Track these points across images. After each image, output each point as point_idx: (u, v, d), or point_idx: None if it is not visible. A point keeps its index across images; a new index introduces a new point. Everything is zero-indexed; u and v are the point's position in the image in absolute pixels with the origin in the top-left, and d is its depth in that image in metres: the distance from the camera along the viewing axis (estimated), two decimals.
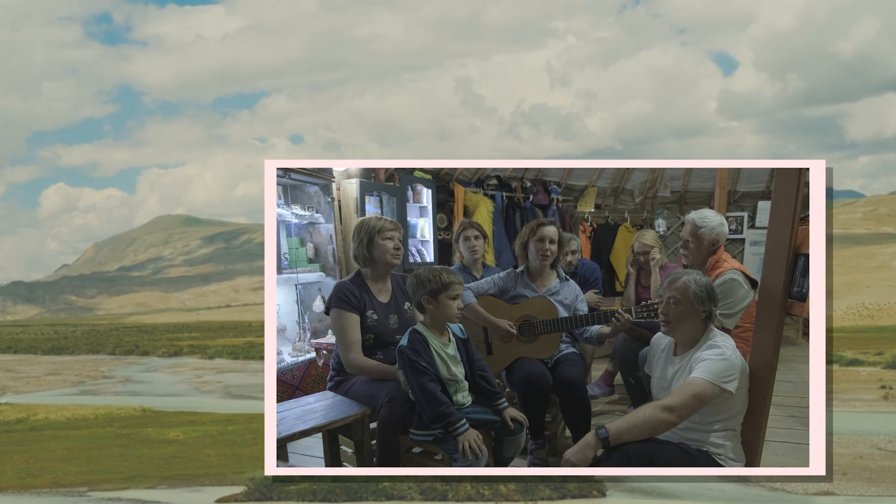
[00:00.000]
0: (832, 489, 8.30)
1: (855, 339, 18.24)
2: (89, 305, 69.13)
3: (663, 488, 8.42)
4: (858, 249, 34.59)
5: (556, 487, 8.32)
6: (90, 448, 11.66)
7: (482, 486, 8.29)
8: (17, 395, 17.11)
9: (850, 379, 14.28)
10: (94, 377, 20.41)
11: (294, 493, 8.49)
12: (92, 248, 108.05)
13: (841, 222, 45.82)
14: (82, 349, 25.85)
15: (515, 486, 8.32)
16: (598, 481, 8.53)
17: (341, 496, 8.32)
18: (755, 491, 8.31)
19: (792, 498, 8.12)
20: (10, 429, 12.91)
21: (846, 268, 29.53)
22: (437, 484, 8.31)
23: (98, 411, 14.27)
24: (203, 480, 9.25)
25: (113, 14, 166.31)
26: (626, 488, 8.45)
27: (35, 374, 20.92)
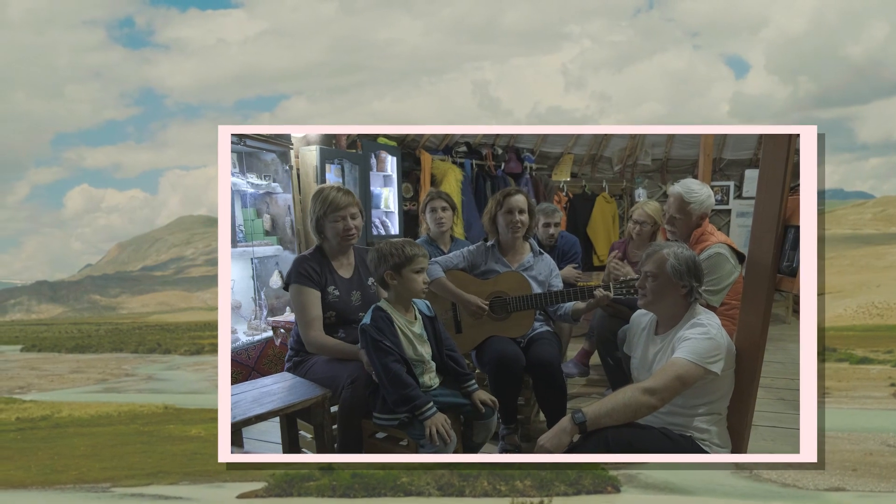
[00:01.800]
0: (843, 484, 8.48)
1: (865, 338, 18.65)
2: (112, 304, 69.54)
3: (676, 484, 8.59)
4: (868, 249, 35.39)
5: (571, 483, 8.47)
6: (113, 445, 11.89)
7: (498, 482, 8.46)
8: (41, 393, 17.50)
9: (861, 377, 14.62)
10: (118, 375, 20.75)
11: (314, 488, 8.64)
12: (115, 249, 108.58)
13: (851, 223, 46.90)
14: (106, 347, 26.16)
15: (531, 482, 8.46)
16: (611, 477, 8.68)
17: (360, 492, 8.48)
18: (767, 487, 8.50)
19: (803, 494, 8.31)
20: (34, 426, 13.21)
21: (856, 267, 30.29)
22: (454, 480, 8.44)
23: (121, 408, 14.54)
24: (224, 477, 9.39)
25: (136, 18, 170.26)
26: (639, 484, 8.62)
27: (59, 372, 21.23)
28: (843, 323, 21.90)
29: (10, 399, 16.11)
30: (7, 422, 13.53)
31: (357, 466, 8.77)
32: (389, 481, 8.51)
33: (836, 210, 52.30)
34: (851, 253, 33.79)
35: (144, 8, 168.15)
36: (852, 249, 34.95)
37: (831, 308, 23.27)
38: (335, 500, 8.48)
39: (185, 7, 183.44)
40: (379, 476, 8.52)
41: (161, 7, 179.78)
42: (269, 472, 8.96)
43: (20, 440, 12.24)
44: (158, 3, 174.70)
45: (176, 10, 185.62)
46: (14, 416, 13.95)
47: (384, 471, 8.51)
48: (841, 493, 8.34)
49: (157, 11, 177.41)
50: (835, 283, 27.26)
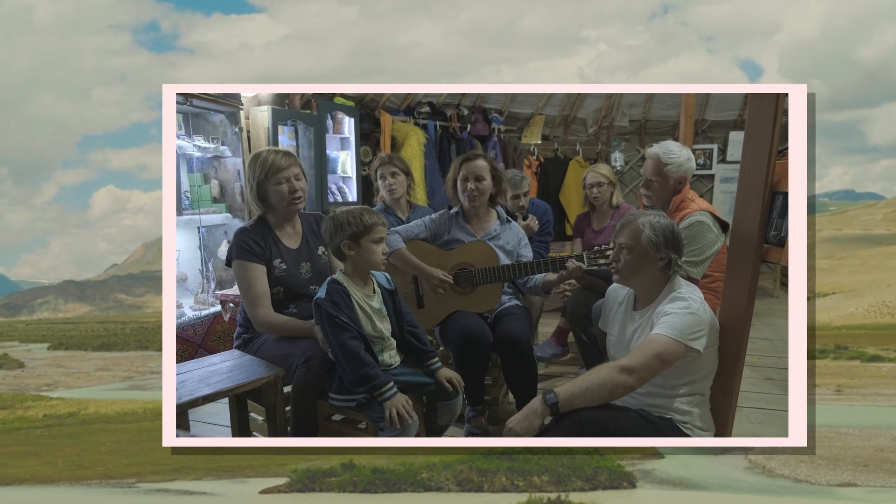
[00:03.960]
0: (854, 480, 8.75)
1: (876, 336, 19.21)
2: (138, 304, 71.01)
3: (691, 479, 8.80)
4: (879, 249, 36.46)
5: (587, 478, 8.66)
6: (139, 441, 12.11)
7: (516, 478, 8.66)
8: (68, 390, 17.98)
9: (872, 374, 15.11)
10: (143, 373, 21.14)
11: (335, 484, 8.81)
12: (141, 248, 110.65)
13: (862, 223, 48.19)
14: (131, 346, 26.56)
15: (548, 478, 8.64)
16: (627, 472, 8.88)
17: (380, 487, 8.68)
18: (780, 482, 8.75)
19: (815, 489, 8.59)
20: (61, 422, 13.62)
21: (867, 267, 31.29)
22: (472, 475, 8.63)
23: (147, 405, 14.81)
24: (247, 472, 9.60)
25: (161, 23, 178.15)
26: (654, 479, 8.85)
27: (86, 370, 21.67)
28: (855, 321, 22.72)
29: (37, 396, 16.54)
30: (35, 418, 13.93)
31: (310, 451, 8.88)
32: (409, 477, 8.73)
33: (848, 211, 53.59)
34: (863, 253, 35.06)
35: (169, 12, 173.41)
36: (863, 249, 36.27)
37: (843, 307, 23.97)
38: (356, 496, 8.68)
39: (209, 11, 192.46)
40: (399, 472, 8.76)
41: (186, 12, 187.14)
42: (292, 468, 9.15)
43: (47, 436, 12.59)
44: (183, 7, 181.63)
45: (200, 15, 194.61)
46: (41, 412, 14.36)
47: (404, 466, 8.72)
48: (852, 489, 8.60)
49: (181, 16, 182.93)
50: (846, 282, 28.12)
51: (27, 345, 27.77)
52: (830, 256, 35.01)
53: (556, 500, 7.90)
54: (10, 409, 14.63)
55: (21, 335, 30.82)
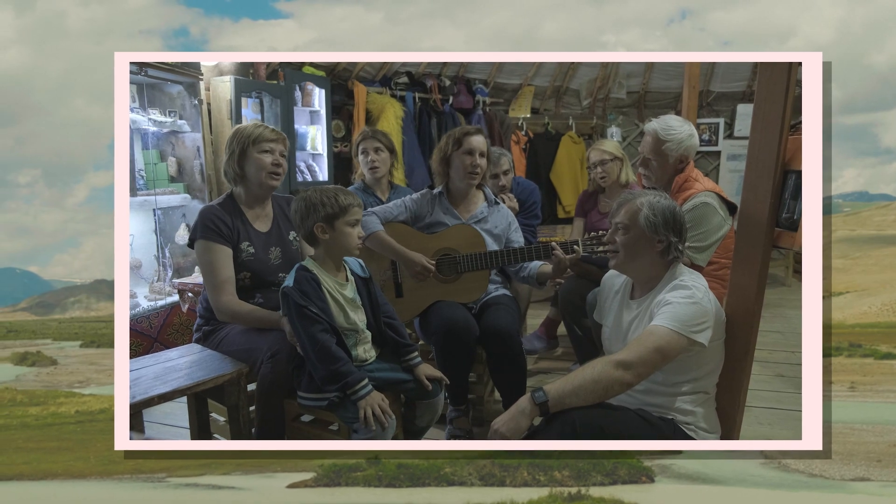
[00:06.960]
0: (868, 475, 8.96)
1: (889, 335, 19.76)
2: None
3: (708, 474, 8.95)
4: (892, 249, 37.81)
5: (607, 473, 8.81)
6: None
7: (538, 473, 8.79)
8: (100, 387, 18.31)
9: (885, 371, 15.54)
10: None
11: (361, 478, 8.96)
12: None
13: (876, 224, 49.49)
14: None
15: (569, 472, 8.79)
16: (645, 468, 9.03)
17: (405, 482, 8.83)
18: (795, 477, 8.93)
19: (829, 483, 8.77)
20: (93, 419, 13.95)
21: (881, 267, 32.45)
22: (495, 470, 8.77)
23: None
24: (275, 467, 9.75)
25: (190, 28, 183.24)
26: (672, 474, 8.99)
27: None
28: (869, 320, 23.44)
29: (70, 393, 16.93)
30: (67, 414, 14.28)
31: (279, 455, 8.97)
32: (433, 471, 8.86)
33: (861, 212, 54.62)
34: (876, 253, 36.42)
35: (199, 18, 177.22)
36: (877, 249, 37.66)
37: (857, 305, 24.68)
38: (381, 490, 8.83)
39: (237, 17, 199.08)
40: (423, 467, 8.87)
41: (214, 17, 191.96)
42: (318, 463, 9.29)
43: (79, 432, 12.86)
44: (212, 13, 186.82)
45: (229, 20, 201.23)
46: (74, 409, 14.69)
47: (428, 461, 8.83)
48: (866, 483, 8.79)
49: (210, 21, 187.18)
50: (860, 281, 29.03)
51: (60, 342, 28.20)
52: (844, 256, 35.77)
53: (577, 494, 7.99)
54: (43, 405, 15.08)
55: (54, 333, 31.41)
